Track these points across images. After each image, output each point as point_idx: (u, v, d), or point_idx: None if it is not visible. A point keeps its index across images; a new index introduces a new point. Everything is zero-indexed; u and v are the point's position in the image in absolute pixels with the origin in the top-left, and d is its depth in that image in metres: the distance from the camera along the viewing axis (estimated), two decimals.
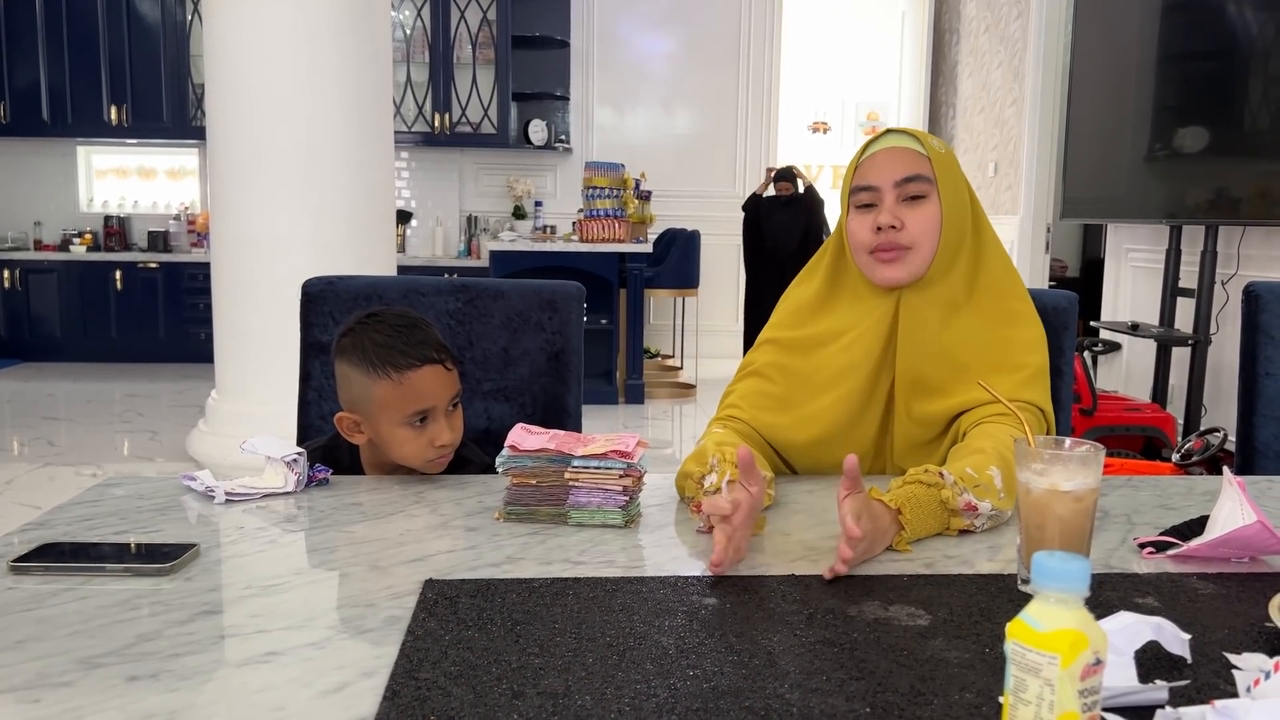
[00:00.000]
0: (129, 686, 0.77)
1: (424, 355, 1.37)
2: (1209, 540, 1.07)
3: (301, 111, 4.11)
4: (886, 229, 1.33)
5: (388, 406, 1.36)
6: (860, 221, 1.37)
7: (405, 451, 1.38)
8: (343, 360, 1.40)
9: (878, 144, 1.39)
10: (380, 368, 1.35)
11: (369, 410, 1.38)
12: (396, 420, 1.36)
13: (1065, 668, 0.59)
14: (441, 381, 1.38)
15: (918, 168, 1.34)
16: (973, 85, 6.83)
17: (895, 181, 1.34)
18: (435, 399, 1.37)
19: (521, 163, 7.35)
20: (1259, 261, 4.15)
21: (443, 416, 1.38)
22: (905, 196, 1.34)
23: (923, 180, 1.34)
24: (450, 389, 1.40)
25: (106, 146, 7.29)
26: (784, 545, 1.12)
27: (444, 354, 1.40)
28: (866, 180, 1.36)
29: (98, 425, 5.31)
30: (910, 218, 1.34)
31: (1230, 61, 4.06)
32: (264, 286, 4.12)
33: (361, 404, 1.39)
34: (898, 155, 1.36)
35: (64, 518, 1.18)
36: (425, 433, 1.37)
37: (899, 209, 1.34)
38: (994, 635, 0.88)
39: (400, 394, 1.35)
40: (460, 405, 1.44)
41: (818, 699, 0.76)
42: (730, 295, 7.55)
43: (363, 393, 1.38)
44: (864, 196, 1.36)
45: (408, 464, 1.39)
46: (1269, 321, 1.80)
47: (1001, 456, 1.20)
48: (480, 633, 0.87)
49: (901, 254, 1.34)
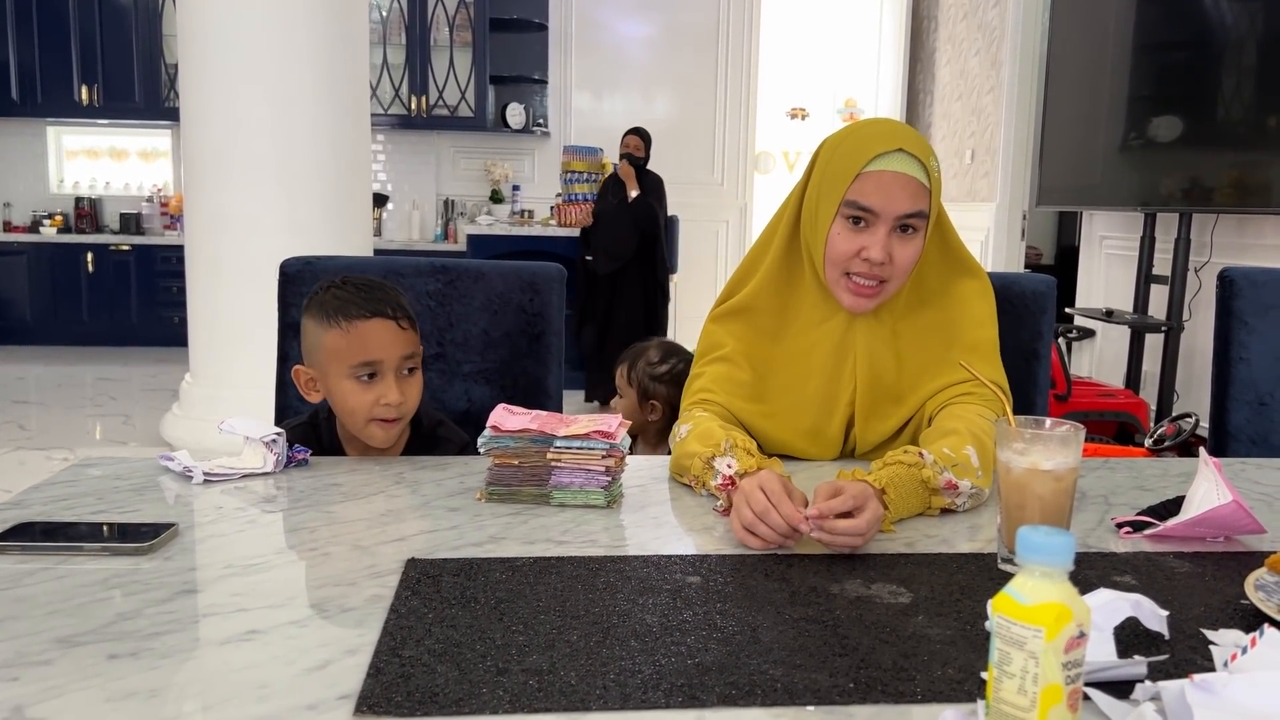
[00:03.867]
0: (109, 664, 0.76)
1: (376, 309, 1.38)
2: (1185, 520, 1.08)
3: (276, 92, 4.06)
4: (875, 263, 1.28)
5: (336, 356, 1.37)
6: (847, 237, 1.30)
7: (350, 404, 1.38)
8: (305, 315, 1.43)
9: (886, 161, 1.27)
10: (332, 317, 1.38)
11: (320, 361, 1.39)
12: (344, 371, 1.38)
13: (1049, 640, 0.59)
14: (393, 338, 1.38)
15: (920, 203, 1.28)
16: (950, 72, 6.85)
17: (897, 215, 1.28)
18: (384, 353, 1.38)
19: (499, 146, 7.31)
20: (1232, 249, 4.19)
21: (392, 376, 1.38)
22: (899, 228, 1.29)
23: (920, 216, 1.29)
24: (403, 347, 1.40)
25: (77, 127, 7.18)
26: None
27: (400, 312, 1.40)
28: (868, 201, 1.28)
29: (69, 409, 5.25)
30: (898, 252, 1.29)
31: (1205, 52, 4.09)
32: (238, 269, 4.08)
33: (315, 355, 1.40)
34: (906, 185, 1.27)
35: (39, 498, 1.17)
36: (372, 389, 1.38)
37: (890, 241, 1.28)
38: (974, 613, 0.88)
39: (347, 343, 1.37)
40: (419, 373, 1.43)
41: (801, 674, 0.76)
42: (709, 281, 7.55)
43: (315, 342, 1.40)
44: (858, 214, 1.29)
45: (353, 421, 1.40)
46: (1243, 307, 1.82)
47: (975, 436, 1.21)
48: (464, 611, 0.86)
49: (878, 288, 1.31)
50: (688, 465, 1.25)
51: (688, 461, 1.25)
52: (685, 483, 1.26)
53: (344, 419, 1.42)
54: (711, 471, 1.19)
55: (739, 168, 7.51)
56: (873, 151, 1.28)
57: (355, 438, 1.44)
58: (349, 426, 1.42)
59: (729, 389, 1.39)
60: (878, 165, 1.28)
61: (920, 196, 1.29)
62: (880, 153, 1.28)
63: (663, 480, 1.31)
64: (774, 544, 1.03)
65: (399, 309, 1.40)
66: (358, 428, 1.40)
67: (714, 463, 1.19)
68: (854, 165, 1.29)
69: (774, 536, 1.02)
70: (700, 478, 1.21)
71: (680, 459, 1.28)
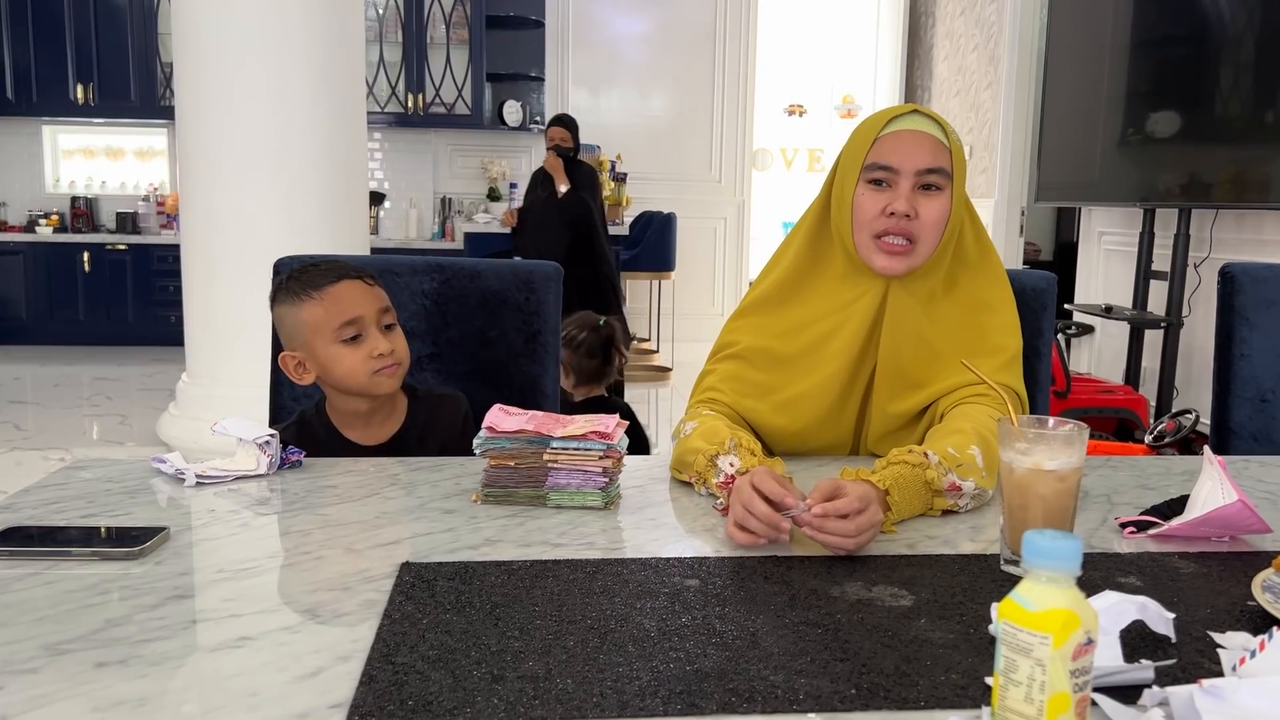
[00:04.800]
0: (97, 673, 0.74)
1: (340, 273, 1.45)
2: (1190, 520, 1.07)
3: (272, 90, 4.04)
4: (900, 216, 1.29)
5: (319, 327, 1.42)
6: (872, 198, 1.31)
7: (347, 367, 1.42)
8: (275, 307, 1.48)
9: (901, 122, 1.32)
10: (303, 291, 1.43)
11: (305, 340, 1.44)
12: (330, 339, 1.42)
13: (1057, 648, 0.58)
14: (364, 294, 1.45)
15: (940, 159, 1.30)
16: (948, 69, 6.83)
17: (918, 169, 1.29)
18: (361, 308, 1.43)
19: (496, 144, 7.29)
20: (1231, 244, 4.18)
21: (375, 330, 1.44)
22: (921, 185, 1.30)
23: (942, 174, 1.30)
24: (376, 302, 1.45)
25: (73, 126, 7.15)
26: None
27: (362, 273, 1.47)
28: (887, 160, 1.30)
29: (66, 409, 5.23)
30: (923, 208, 1.29)
31: (1203, 47, 4.08)
32: (234, 268, 4.06)
33: (298, 336, 1.45)
34: (923, 141, 1.30)
35: (29, 501, 1.15)
36: (361, 347, 1.42)
37: (914, 197, 1.29)
38: (977, 616, 0.87)
39: (325, 309, 1.42)
40: (398, 329, 1.49)
41: (803, 680, 0.75)
42: (706, 278, 7.54)
43: (295, 322, 1.44)
44: (880, 174, 1.31)
45: (355, 383, 1.43)
46: (1244, 303, 1.80)
47: (981, 436, 1.20)
48: (459, 616, 0.85)
49: (908, 246, 1.31)
50: (690, 461, 1.23)
51: (690, 458, 1.23)
52: (685, 479, 1.25)
53: (343, 382, 1.44)
54: (714, 469, 1.18)
55: (737, 165, 7.49)
56: (889, 116, 1.34)
57: (354, 417, 1.48)
58: (352, 389, 1.44)
59: (737, 388, 1.38)
60: (894, 127, 1.32)
61: (940, 153, 1.31)
62: (895, 116, 1.33)
63: (661, 481, 1.29)
64: (763, 538, 1.01)
65: (360, 270, 1.47)
66: (362, 385, 1.44)
67: (717, 460, 1.18)
68: (872, 132, 1.34)
69: (762, 529, 1.00)
70: (702, 475, 1.20)
71: (683, 455, 1.26)
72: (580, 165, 5.27)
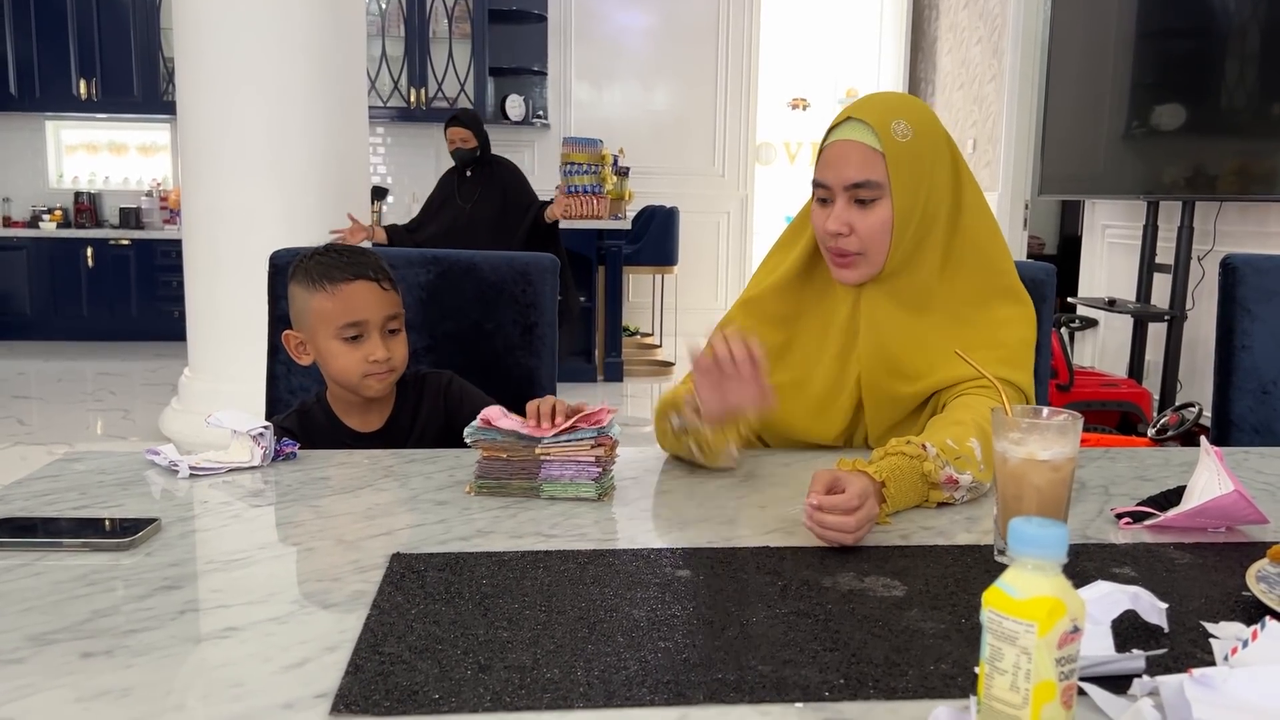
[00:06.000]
0: (82, 663, 0.74)
1: (358, 271, 1.45)
2: (1186, 510, 1.06)
3: (273, 85, 4.04)
4: (834, 235, 1.28)
5: (324, 319, 1.44)
6: (817, 214, 1.32)
7: (341, 364, 1.45)
8: (292, 281, 1.49)
9: (837, 132, 1.30)
10: (318, 281, 1.45)
11: (309, 324, 1.47)
12: (331, 333, 1.44)
13: (1042, 635, 0.57)
14: (376, 298, 1.46)
15: (867, 171, 1.26)
16: (952, 61, 6.81)
17: (845, 185, 1.27)
18: (368, 313, 1.45)
19: (498, 138, 7.22)
20: (1235, 237, 4.16)
21: (378, 334, 1.46)
22: (854, 199, 1.28)
23: (871, 186, 1.26)
24: (386, 308, 1.47)
25: (76, 121, 7.16)
26: (758, 517, 1.11)
27: (381, 275, 1.47)
28: (823, 175, 1.30)
29: (69, 404, 5.24)
30: (860, 222, 1.27)
31: (1208, 39, 4.05)
32: (236, 262, 4.06)
33: (303, 318, 1.47)
34: (851, 154, 1.27)
35: (22, 493, 1.15)
36: (360, 348, 1.45)
37: (849, 212, 1.28)
38: (970, 606, 0.86)
39: (334, 305, 1.44)
40: (403, 334, 1.50)
41: (791, 670, 0.74)
42: (709, 272, 7.53)
43: (304, 306, 1.47)
44: (821, 191, 1.31)
45: (346, 380, 1.46)
46: (1246, 294, 1.79)
47: (981, 428, 1.19)
48: (447, 606, 0.85)
49: (853, 258, 1.30)
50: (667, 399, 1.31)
51: (673, 396, 1.30)
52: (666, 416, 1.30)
53: (336, 377, 1.47)
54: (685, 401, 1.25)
55: (740, 159, 7.48)
56: (831, 125, 1.32)
57: (350, 404, 1.50)
58: (342, 384, 1.47)
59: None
60: (832, 138, 1.31)
61: (869, 163, 1.26)
62: (835, 125, 1.31)
63: (656, 472, 1.29)
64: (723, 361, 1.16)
65: (380, 271, 1.48)
66: (353, 384, 1.46)
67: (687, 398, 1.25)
68: (820, 143, 1.34)
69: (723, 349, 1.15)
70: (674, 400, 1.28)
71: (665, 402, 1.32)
72: (499, 163, 4.65)
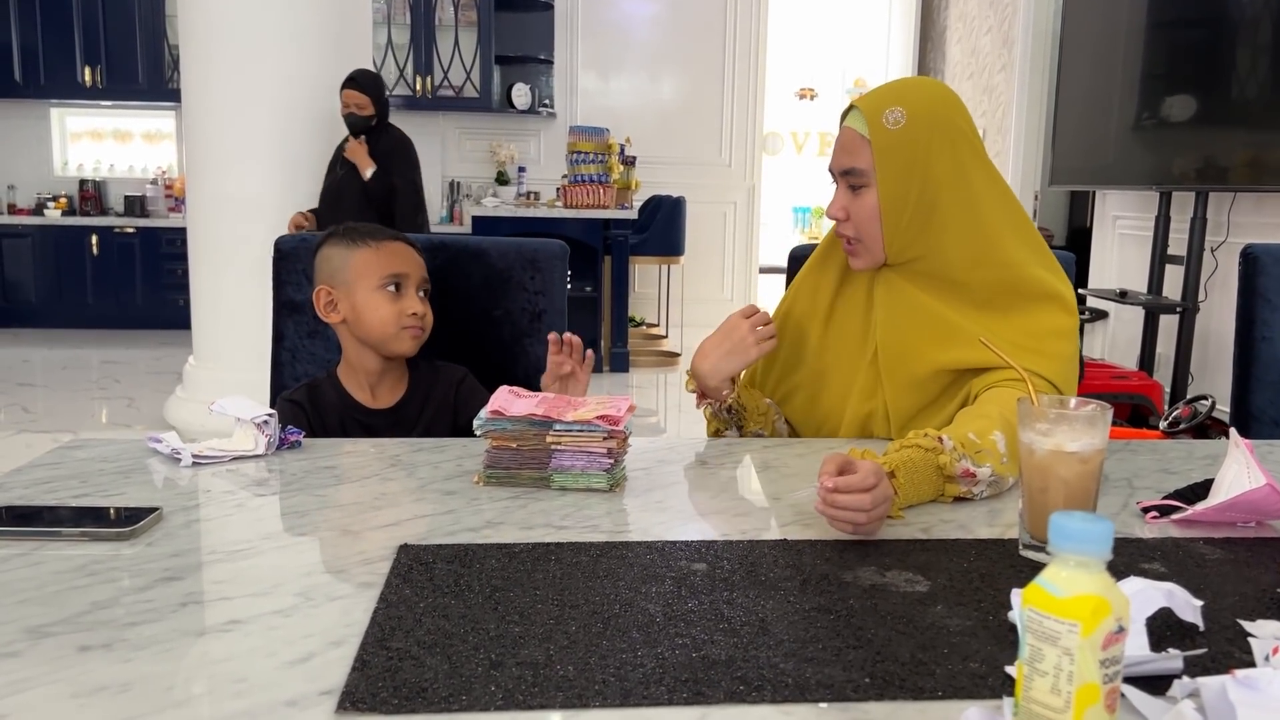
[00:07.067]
0: (80, 657, 0.72)
1: (395, 235, 1.53)
2: (1215, 504, 1.03)
3: (278, 73, 4.01)
4: (835, 220, 1.34)
5: (366, 272, 1.48)
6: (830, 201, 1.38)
7: (380, 315, 1.48)
8: (325, 246, 1.53)
9: (846, 119, 1.35)
10: (361, 239, 1.51)
11: (346, 279, 1.49)
12: (373, 284, 1.48)
13: (1086, 636, 0.54)
14: (413, 258, 1.53)
15: (854, 159, 1.30)
16: (961, 51, 6.75)
17: (837, 171, 1.33)
18: (409, 268, 1.51)
19: (505, 127, 7.24)
20: (1249, 228, 4.11)
21: (414, 290, 1.50)
22: (849, 186, 1.32)
23: (857, 173, 1.30)
24: (420, 269, 1.53)
25: (81, 109, 7.13)
26: (776, 509, 1.08)
27: (414, 243, 1.55)
28: (830, 164, 1.36)
29: (74, 392, 5.22)
30: (852, 208, 1.32)
31: (1219, 30, 4.01)
32: (240, 250, 4.04)
33: (340, 274, 1.50)
34: (845, 140, 1.32)
35: (21, 480, 1.13)
36: (400, 300, 1.48)
37: (846, 198, 1.32)
38: (996, 602, 0.84)
39: (378, 258, 1.49)
40: (429, 299, 1.54)
41: (814, 668, 0.72)
42: (716, 263, 7.49)
43: (342, 263, 1.50)
44: (834, 179, 1.36)
45: (381, 332, 1.48)
46: (1267, 285, 1.76)
47: (1007, 420, 1.15)
48: (457, 600, 0.82)
49: (855, 245, 1.34)
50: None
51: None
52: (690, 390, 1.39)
53: (372, 330, 1.48)
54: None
55: (747, 149, 7.43)
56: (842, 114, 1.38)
57: (363, 380, 1.52)
58: (376, 338, 1.49)
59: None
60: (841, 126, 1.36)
61: (855, 150, 1.30)
62: (843, 113, 1.36)
63: (668, 463, 1.26)
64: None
65: (412, 243, 1.55)
66: (389, 335, 1.48)
67: None
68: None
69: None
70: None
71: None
72: (387, 132, 4.33)
